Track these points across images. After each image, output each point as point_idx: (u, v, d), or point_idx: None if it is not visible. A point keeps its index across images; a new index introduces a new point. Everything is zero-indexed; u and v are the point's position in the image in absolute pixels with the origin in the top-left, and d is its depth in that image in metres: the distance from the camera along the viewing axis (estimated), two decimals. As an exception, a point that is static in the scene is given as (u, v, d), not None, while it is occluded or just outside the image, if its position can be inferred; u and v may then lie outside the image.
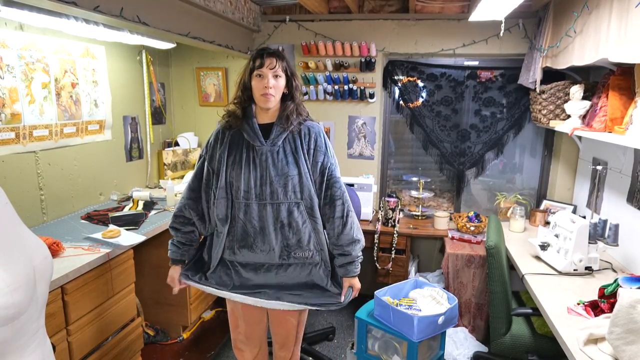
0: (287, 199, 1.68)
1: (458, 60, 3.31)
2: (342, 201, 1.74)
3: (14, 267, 0.86)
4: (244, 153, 1.70)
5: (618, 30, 1.74)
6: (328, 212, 1.74)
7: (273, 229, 1.69)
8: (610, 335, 1.39)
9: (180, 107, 3.73)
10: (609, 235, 2.19)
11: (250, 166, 1.68)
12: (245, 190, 1.68)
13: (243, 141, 1.71)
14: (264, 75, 1.64)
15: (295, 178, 1.68)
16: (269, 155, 1.68)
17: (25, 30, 2.23)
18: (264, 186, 1.67)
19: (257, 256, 1.72)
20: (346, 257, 1.75)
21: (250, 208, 1.69)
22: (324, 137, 1.76)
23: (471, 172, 3.40)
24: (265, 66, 1.64)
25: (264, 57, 1.65)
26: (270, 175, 1.67)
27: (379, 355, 2.24)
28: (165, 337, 2.91)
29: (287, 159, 1.69)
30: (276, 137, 1.69)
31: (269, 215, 1.68)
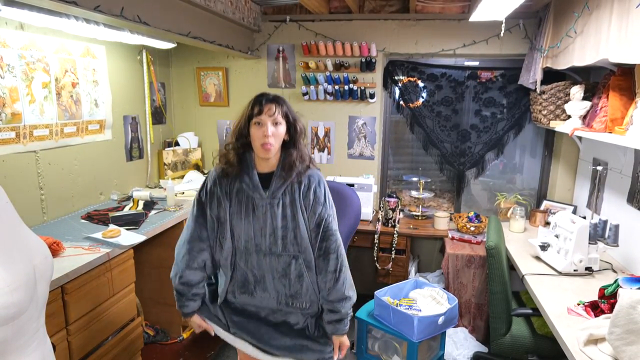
0: (286, 252, 1.64)
1: (458, 60, 3.31)
2: (337, 255, 1.67)
3: (14, 266, 0.86)
4: (243, 203, 1.64)
5: (618, 31, 1.74)
6: (321, 264, 1.67)
7: (272, 278, 1.67)
8: (610, 336, 1.39)
9: (180, 107, 3.73)
10: (609, 236, 2.19)
11: (250, 217, 1.63)
12: (245, 239, 1.65)
13: (242, 191, 1.64)
14: (263, 123, 1.54)
15: (295, 231, 1.63)
16: (269, 208, 1.62)
17: (25, 29, 2.23)
18: (263, 237, 1.63)
19: (256, 300, 1.71)
20: (335, 314, 1.68)
21: (251, 257, 1.66)
22: (323, 188, 1.69)
23: (471, 173, 3.40)
24: (264, 113, 1.54)
25: (262, 104, 1.55)
26: (270, 228, 1.62)
27: (379, 355, 2.24)
28: (165, 337, 2.91)
29: (286, 212, 1.63)
30: (276, 189, 1.62)
31: (269, 266, 1.65)
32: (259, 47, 3.42)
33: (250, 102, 1.60)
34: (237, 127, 1.62)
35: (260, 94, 1.61)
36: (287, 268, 1.65)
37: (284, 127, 1.60)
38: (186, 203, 2.88)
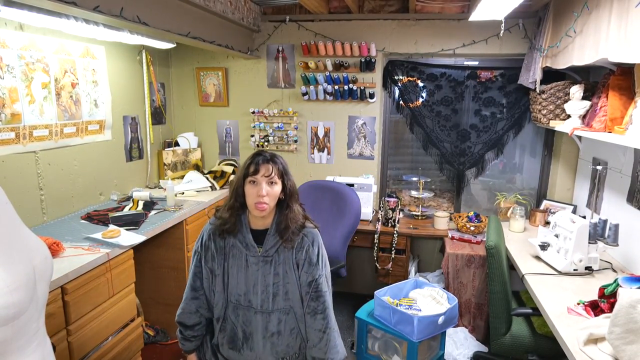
0: (277, 307, 1.64)
1: (458, 60, 3.31)
2: (324, 316, 1.67)
3: (14, 267, 0.86)
4: (237, 258, 1.64)
5: (618, 30, 1.74)
6: (309, 321, 1.67)
7: (262, 338, 1.65)
8: (610, 335, 1.39)
9: (180, 107, 3.73)
10: (609, 235, 2.19)
11: (242, 273, 1.63)
12: (238, 294, 1.65)
13: (236, 248, 1.64)
14: (258, 183, 1.54)
15: (287, 286, 1.64)
16: (261, 266, 1.62)
17: (25, 30, 2.23)
18: (255, 295, 1.63)
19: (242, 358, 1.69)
20: None
21: (242, 312, 1.66)
22: (317, 247, 1.68)
23: (471, 172, 3.40)
24: (260, 174, 1.54)
25: (259, 164, 1.55)
26: (261, 285, 1.62)
27: (379, 355, 2.24)
28: (165, 337, 2.91)
29: (278, 270, 1.63)
30: (270, 247, 1.62)
31: (259, 324, 1.64)
32: (259, 47, 3.42)
33: (246, 162, 1.59)
34: (235, 187, 1.62)
35: (258, 153, 1.60)
36: (279, 325, 1.65)
37: (280, 186, 1.60)
38: (186, 203, 2.88)
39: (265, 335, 1.65)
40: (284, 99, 3.50)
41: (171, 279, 2.84)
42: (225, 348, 1.71)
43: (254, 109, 3.51)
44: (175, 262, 2.82)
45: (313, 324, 1.67)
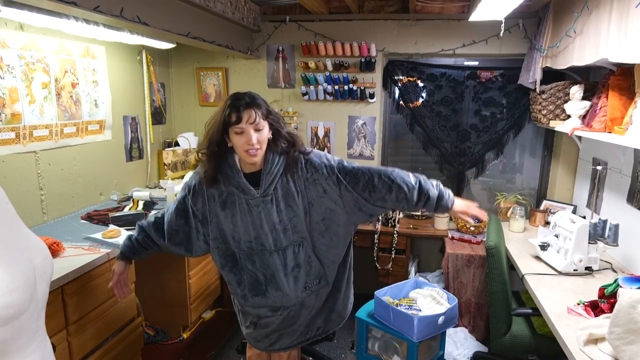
0: (290, 242, 1.63)
1: (458, 60, 3.31)
2: (378, 177, 1.63)
3: (14, 267, 0.86)
4: (238, 206, 1.60)
5: (618, 31, 1.74)
6: (378, 196, 1.63)
7: (284, 275, 1.64)
8: (610, 335, 1.39)
9: (180, 107, 3.73)
10: (609, 236, 2.19)
11: (247, 218, 1.60)
12: (248, 241, 1.63)
13: (233, 194, 1.60)
14: (245, 131, 1.48)
15: (294, 219, 1.62)
16: (263, 207, 1.59)
17: (25, 30, 2.23)
18: (265, 236, 1.61)
19: (269, 301, 1.70)
20: (430, 201, 1.66)
21: (257, 257, 1.64)
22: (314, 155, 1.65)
23: (471, 172, 3.40)
24: (244, 121, 1.47)
25: (240, 111, 1.46)
26: (269, 225, 1.60)
27: (379, 355, 2.24)
28: (165, 337, 2.90)
29: (280, 205, 1.60)
30: (267, 187, 1.57)
31: (277, 263, 1.63)
32: (259, 47, 3.42)
33: (226, 107, 1.49)
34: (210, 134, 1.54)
35: (235, 98, 1.51)
36: (296, 258, 1.65)
37: (267, 128, 1.54)
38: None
39: (287, 271, 1.65)
40: (284, 99, 3.50)
41: (171, 279, 2.84)
42: (249, 297, 1.70)
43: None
44: (175, 262, 2.81)
45: (382, 194, 1.62)
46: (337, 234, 1.70)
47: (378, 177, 1.65)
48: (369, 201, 1.66)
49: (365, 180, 1.64)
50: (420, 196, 1.67)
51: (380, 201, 1.66)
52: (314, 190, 1.64)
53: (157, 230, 1.74)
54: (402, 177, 1.67)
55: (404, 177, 1.67)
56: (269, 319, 1.76)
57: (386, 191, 1.64)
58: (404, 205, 1.68)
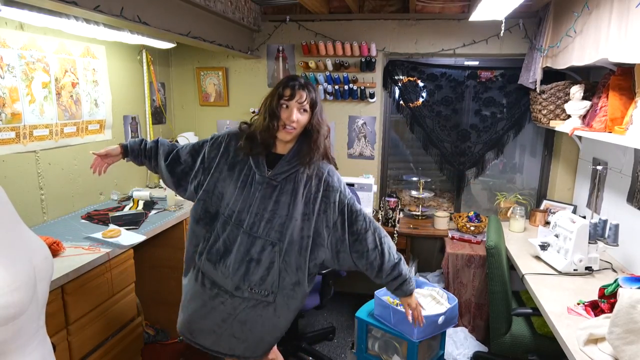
0: (266, 236, 1.60)
1: (458, 60, 3.31)
2: (372, 231, 1.67)
3: (14, 266, 0.86)
4: (242, 174, 1.62)
5: (618, 30, 1.74)
6: (359, 248, 1.65)
7: (240, 259, 1.61)
8: (610, 335, 1.39)
9: (180, 106, 3.73)
10: (609, 235, 2.19)
11: (243, 189, 1.61)
12: (232, 209, 1.62)
13: (247, 163, 1.64)
14: (290, 107, 1.56)
15: (283, 218, 1.60)
16: (264, 187, 1.59)
17: (25, 29, 2.23)
18: (249, 214, 1.59)
19: (216, 274, 1.65)
20: (397, 279, 1.71)
21: (229, 227, 1.62)
22: (337, 177, 1.68)
23: (471, 172, 3.40)
24: (294, 99, 1.56)
25: (295, 89, 1.57)
26: (258, 207, 1.59)
27: (379, 355, 2.24)
28: (165, 337, 2.91)
29: (281, 198, 1.59)
30: (279, 172, 1.60)
31: (242, 245, 1.60)
32: (259, 47, 3.42)
33: (282, 84, 1.60)
34: (269, 106, 1.61)
35: (292, 77, 1.63)
36: (260, 253, 1.60)
37: (308, 115, 1.61)
38: (186, 203, 2.87)
39: (244, 258, 1.60)
40: (284, 99, 3.50)
41: (171, 279, 2.84)
42: (203, 258, 1.67)
43: (254, 108, 3.50)
44: (175, 262, 2.81)
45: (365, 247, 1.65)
46: (310, 261, 1.67)
47: (372, 232, 1.68)
48: (349, 248, 1.67)
49: (360, 228, 1.67)
50: (394, 272, 1.71)
51: (357, 255, 1.68)
52: (318, 205, 1.65)
53: (165, 152, 1.79)
54: (389, 246, 1.72)
55: (391, 247, 1.72)
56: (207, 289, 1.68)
57: (369, 249, 1.67)
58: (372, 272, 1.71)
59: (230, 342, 1.71)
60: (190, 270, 1.76)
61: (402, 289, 1.74)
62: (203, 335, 1.74)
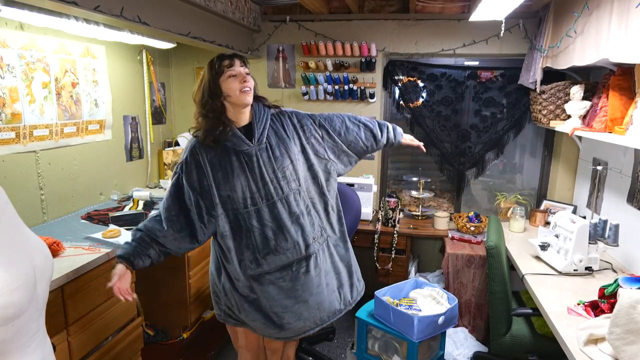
0: (290, 189, 1.71)
1: (458, 60, 3.31)
2: (347, 118, 1.93)
3: (14, 266, 0.86)
4: (234, 162, 1.65)
5: (618, 31, 1.74)
6: (350, 138, 1.91)
7: (291, 224, 1.69)
8: (610, 336, 1.39)
9: (180, 107, 3.73)
10: (609, 236, 2.19)
11: (246, 172, 1.66)
12: (250, 197, 1.66)
13: (229, 150, 1.66)
14: (238, 72, 1.63)
15: (290, 166, 1.72)
16: (260, 155, 1.67)
17: (25, 29, 2.23)
18: (266, 186, 1.67)
19: (282, 257, 1.69)
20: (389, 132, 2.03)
21: (262, 212, 1.67)
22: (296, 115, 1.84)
23: (471, 172, 3.40)
24: (236, 65, 1.64)
25: (232, 58, 1.65)
26: (268, 173, 1.67)
27: (379, 355, 2.24)
28: (165, 337, 2.90)
29: (277, 153, 1.70)
30: (260, 135, 1.69)
31: (282, 212, 1.68)
32: (259, 47, 3.42)
33: (214, 62, 1.64)
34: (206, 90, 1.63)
35: (221, 53, 1.68)
36: (297, 205, 1.72)
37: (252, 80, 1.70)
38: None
39: (292, 219, 1.70)
40: (284, 99, 3.50)
41: (171, 279, 2.84)
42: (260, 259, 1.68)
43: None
44: (175, 262, 2.81)
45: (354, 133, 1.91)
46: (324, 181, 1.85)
47: (348, 119, 1.93)
48: (344, 145, 1.90)
49: (340, 122, 1.90)
50: (382, 129, 2.00)
51: (354, 141, 1.92)
52: (304, 135, 1.81)
53: (156, 222, 1.68)
54: (364, 118, 1.99)
55: (365, 117, 2.00)
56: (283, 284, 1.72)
57: (357, 129, 1.92)
58: (372, 142, 1.97)
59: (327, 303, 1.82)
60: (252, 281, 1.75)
61: (396, 134, 2.06)
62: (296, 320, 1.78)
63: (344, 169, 1.93)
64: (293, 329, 1.77)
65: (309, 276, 1.74)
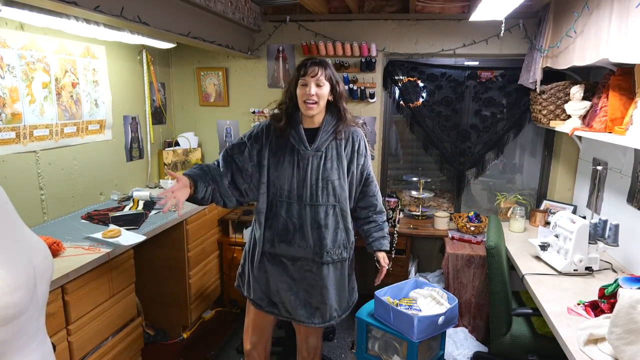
0: (326, 202, 1.81)
1: (458, 60, 3.31)
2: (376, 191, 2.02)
3: (14, 267, 0.86)
4: (288, 155, 1.81)
5: (618, 31, 1.74)
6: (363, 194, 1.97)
7: (310, 228, 1.82)
8: (610, 336, 1.39)
9: (180, 107, 3.73)
10: (609, 236, 2.19)
11: (293, 168, 1.80)
12: (288, 190, 1.81)
13: (288, 144, 1.82)
14: (307, 84, 1.74)
15: (335, 182, 1.81)
16: (312, 160, 1.80)
17: (25, 30, 2.23)
18: (305, 188, 1.79)
19: (294, 250, 1.85)
20: (381, 230, 2.02)
21: (292, 207, 1.82)
22: (365, 142, 1.92)
23: (471, 172, 3.40)
24: (308, 75, 1.74)
25: (307, 66, 1.75)
26: (312, 179, 1.79)
27: (379, 355, 2.24)
28: (165, 337, 2.91)
29: (329, 164, 1.80)
30: (321, 143, 1.80)
31: (308, 216, 1.81)
32: (259, 47, 3.42)
33: (300, 65, 1.80)
34: (288, 89, 1.83)
35: (307, 58, 1.82)
36: (325, 218, 1.81)
37: (328, 88, 1.78)
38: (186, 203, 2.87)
39: (314, 226, 1.81)
40: (284, 99, 3.50)
41: (171, 279, 2.85)
42: (276, 242, 1.85)
43: (254, 108, 3.50)
44: (175, 262, 2.82)
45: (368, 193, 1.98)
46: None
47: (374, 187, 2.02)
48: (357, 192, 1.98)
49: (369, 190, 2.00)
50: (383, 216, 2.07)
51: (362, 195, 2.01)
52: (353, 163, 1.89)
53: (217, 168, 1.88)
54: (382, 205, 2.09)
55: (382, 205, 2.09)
56: (289, 266, 1.88)
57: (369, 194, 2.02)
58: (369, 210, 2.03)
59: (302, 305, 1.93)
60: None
61: (381, 241, 2.02)
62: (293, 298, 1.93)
63: None
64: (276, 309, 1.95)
65: (310, 276, 1.89)
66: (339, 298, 1.96)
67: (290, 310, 1.92)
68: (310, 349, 2.10)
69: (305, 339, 2.08)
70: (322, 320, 1.93)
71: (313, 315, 1.92)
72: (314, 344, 2.10)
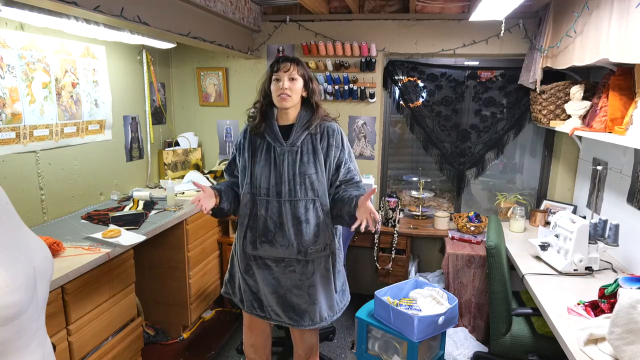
0: (305, 197, 1.81)
1: (458, 60, 3.31)
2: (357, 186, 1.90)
3: (14, 266, 0.86)
4: (265, 153, 1.83)
5: (618, 31, 1.74)
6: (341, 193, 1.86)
7: (291, 225, 1.81)
8: (610, 336, 1.39)
9: (180, 107, 3.73)
10: (609, 236, 2.19)
11: (270, 166, 1.82)
12: (267, 187, 1.82)
13: (264, 142, 1.85)
14: (280, 78, 1.78)
15: (313, 176, 1.81)
16: (288, 155, 1.81)
17: (25, 30, 2.23)
18: (283, 184, 1.80)
19: (277, 251, 1.84)
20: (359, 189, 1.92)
21: (271, 205, 1.82)
22: (341, 135, 1.90)
23: (471, 172, 3.40)
24: (280, 70, 1.78)
25: (279, 62, 1.79)
26: (289, 174, 1.80)
27: (379, 355, 2.24)
28: (165, 337, 2.91)
29: (305, 159, 1.81)
30: (296, 138, 1.81)
31: (288, 212, 1.81)
32: (259, 47, 3.42)
33: (272, 64, 1.83)
34: (262, 87, 1.87)
35: (279, 56, 1.86)
36: (306, 213, 1.81)
37: (301, 83, 1.82)
38: (186, 203, 2.88)
39: (295, 222, 1.81)
40: (284, 99, 3.50)
41: (171, 279, 2.85)
42: (258, 244, 1.85)
43: (253, 109, 3.50)
44: (175, 262, 2.82)
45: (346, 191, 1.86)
46: None
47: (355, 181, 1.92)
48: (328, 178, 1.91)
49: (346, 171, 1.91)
50: None
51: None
52: (329, 156, 1.86)
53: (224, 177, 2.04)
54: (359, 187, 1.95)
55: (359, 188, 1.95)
56: (273, 268, 1.88)
57: None
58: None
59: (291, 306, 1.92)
60: None
61: None
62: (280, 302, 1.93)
63: None
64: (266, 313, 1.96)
65: (295, 276, 1.88)
66: (327, 297, 1.93)
67: (278, 313, 1.92)
68: (307, 348, 2.09)
69: (301, 338, 2.07)
70: (312, 322, 1.91)
71: (302, 318, 1.90)
72: (310, 343, 2.09)
